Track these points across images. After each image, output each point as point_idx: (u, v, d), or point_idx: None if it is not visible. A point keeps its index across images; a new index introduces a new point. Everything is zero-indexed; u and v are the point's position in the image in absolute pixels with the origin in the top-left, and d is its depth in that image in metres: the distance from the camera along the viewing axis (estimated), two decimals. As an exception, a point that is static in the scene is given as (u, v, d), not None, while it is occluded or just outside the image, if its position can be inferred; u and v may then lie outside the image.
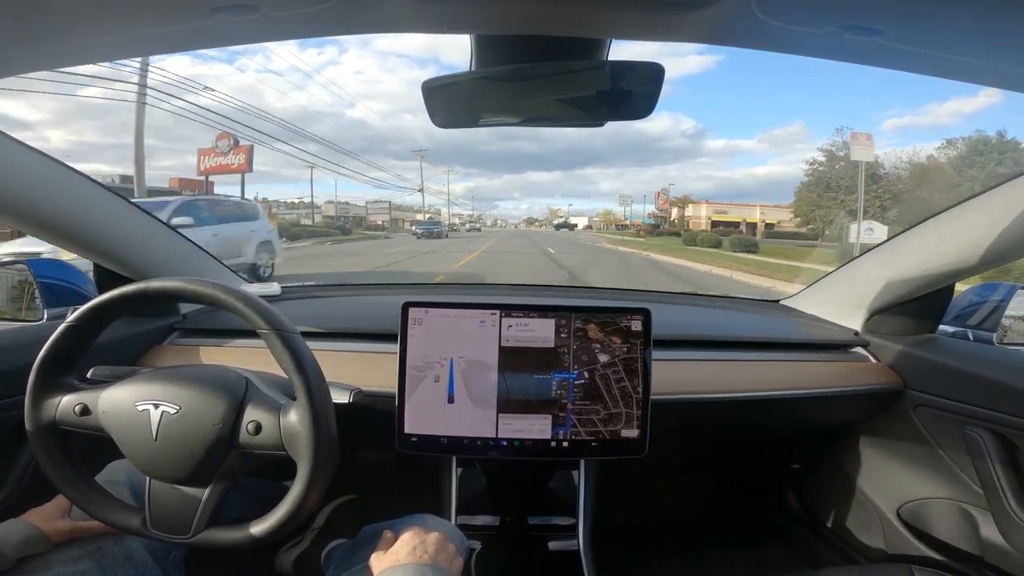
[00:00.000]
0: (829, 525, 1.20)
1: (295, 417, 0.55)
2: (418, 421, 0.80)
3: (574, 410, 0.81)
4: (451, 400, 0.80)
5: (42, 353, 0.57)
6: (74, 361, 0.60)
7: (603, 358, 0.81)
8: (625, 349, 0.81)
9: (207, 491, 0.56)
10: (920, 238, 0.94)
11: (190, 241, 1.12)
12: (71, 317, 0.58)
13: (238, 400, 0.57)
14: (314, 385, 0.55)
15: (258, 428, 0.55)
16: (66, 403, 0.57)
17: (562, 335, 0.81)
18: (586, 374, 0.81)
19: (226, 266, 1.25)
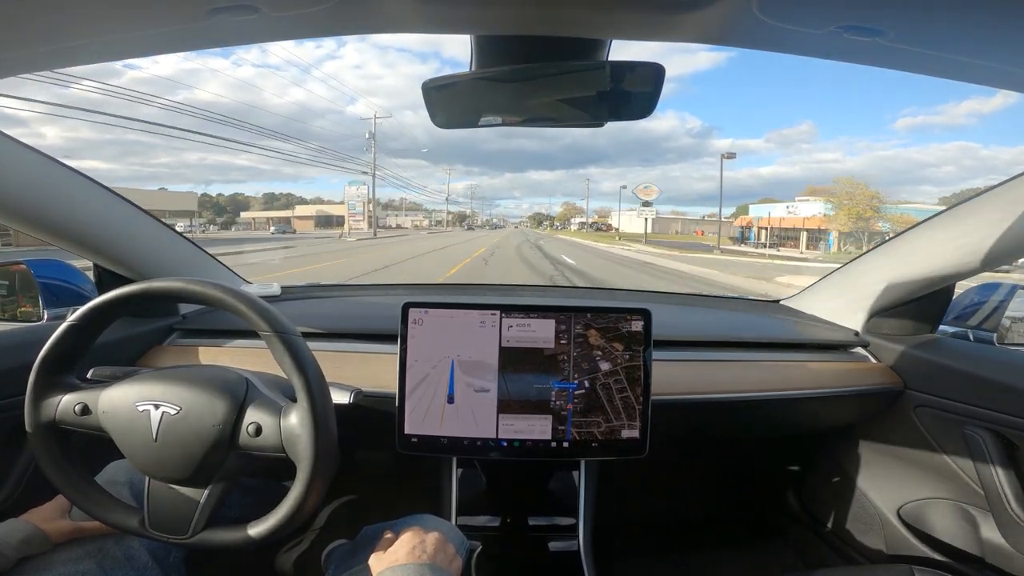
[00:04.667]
0: (829, 525, 1.20)
1: (295, 419, 0.54)
2: (418, 421, 0.80)
3: (574, 422, 0.80)
4: (451, 400, 0.80)
5: (42, 352, 0.57)
6: (74, 361, 0.60)
7: (604, 366, 0.81)
8: (627, 357, 0.81)
9: (206, 492, 0.56)
10: (920, 239, 0.93)
11: (190, 241, 1.12)
12: (72, 317, 0.58)
13: (238, 401, 0.57)
14: (315, 387, 0.55)
15: (258, 430, 0.55)
16: (66, 403, 0.57)
17: (562, 341, 0.81)
18: (587, 383, 0.80)
19: (226, 266, 1.25)
